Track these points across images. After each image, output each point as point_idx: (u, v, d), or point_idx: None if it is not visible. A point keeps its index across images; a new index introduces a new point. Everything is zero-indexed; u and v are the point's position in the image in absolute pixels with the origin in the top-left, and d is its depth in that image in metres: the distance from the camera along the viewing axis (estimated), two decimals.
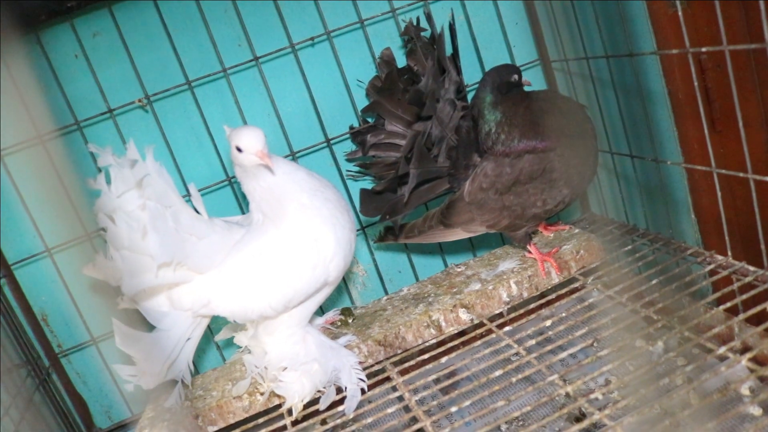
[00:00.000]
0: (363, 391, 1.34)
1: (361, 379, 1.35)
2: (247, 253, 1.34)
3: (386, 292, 1.75)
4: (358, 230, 1.71)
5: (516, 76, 1.44)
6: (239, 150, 1.28)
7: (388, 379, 1.38)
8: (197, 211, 1.37)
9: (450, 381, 1.32)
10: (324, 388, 1.34)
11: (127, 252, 1.28)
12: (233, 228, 1.39)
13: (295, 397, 1.33)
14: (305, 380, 1.33)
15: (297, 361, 1.35)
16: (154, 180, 1.29)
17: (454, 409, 1.19)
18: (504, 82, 1.43)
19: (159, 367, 1.31)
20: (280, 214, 1.33)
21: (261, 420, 1.35)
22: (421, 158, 1.47)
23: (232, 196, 1.65)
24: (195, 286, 1.34)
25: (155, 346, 1.32)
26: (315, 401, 1.34)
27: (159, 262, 1.27)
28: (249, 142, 1.26)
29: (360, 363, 1.40)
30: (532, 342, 1.30)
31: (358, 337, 1.47)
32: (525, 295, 1.51)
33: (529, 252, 1.55)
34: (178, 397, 1.38)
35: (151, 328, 1.35)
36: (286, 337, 1.37)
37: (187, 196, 1.41)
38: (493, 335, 1.39)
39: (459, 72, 1.51)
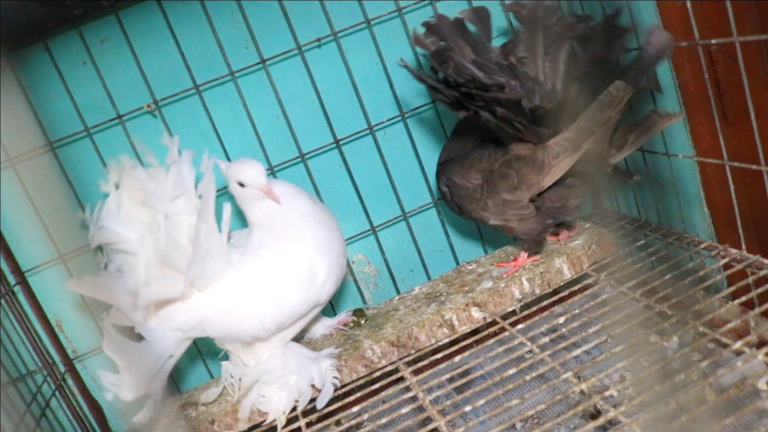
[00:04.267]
0: (336, 388, 1.35)
1: (335, 377, 1.37)
2: (243, 275, 1.35)
3: (398, 292, 1.75)
4: (367, 231, 1.72)
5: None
6: (242, 185, 1.32)
7: (401, 379, 1.38)
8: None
9: (464, 380, 1.32)
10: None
11: (156, 259, 1.28)
12: (231, 249, 1.39)
13: (279, 411, 1.34)
14: (283, 393, 1.33)
15: (275, 374, 1.35)
16: (207, 193, 1.31)
17: (468, 408, 1.19)
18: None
19: (140, 379, 1.30)
20: (277, 238, 1.35)
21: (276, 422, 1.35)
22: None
23: None
24: (189, 304, 1.34)
25: (140, 356, 1.31)
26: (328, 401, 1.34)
27: (188, 278, 1.28)
28: (253, 178, 1.31)
29: (338, 363, 1.41)
30: (546, 339, 1.30)
31: (339, 349, 1.48)
32: (537, 292, 1.51)
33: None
34: (153, 411, 1.35)
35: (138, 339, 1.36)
36: (268, 356, 1.38)
37: None
38: (506, 333, 1.39)
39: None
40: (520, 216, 1.43)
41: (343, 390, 1.39)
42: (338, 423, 1.34)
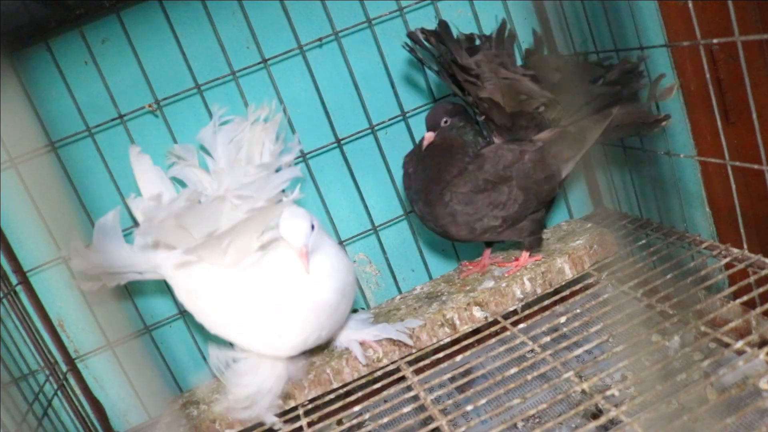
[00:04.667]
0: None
1: None
2: (232, 290, 1.32)
3: (399, 291, 1.75)
4: (369, 230, 1.72)
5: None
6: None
7: (403, 378, 1.38)
8: None
9: (465, 379, 1.31)
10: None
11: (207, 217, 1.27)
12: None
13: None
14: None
15: (260, 390, 1.33)
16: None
17: (469, 407, 1.19)
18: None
19: (99, 263, 1.34)
20: (282, 293, 1.29)
21: (276, 420, 1.35)
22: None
23: None
24: (179, 261, 1.34)
25: (116, 251, 1.37)
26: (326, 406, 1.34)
27: (193, 252, 1.28)
28: (292, 235, 1.21)
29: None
30: (547, 339, 1.30)
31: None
32: (539, 291, 1.51)
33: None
34: (91, 288, 1.40)
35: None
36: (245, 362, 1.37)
37: None
38: (508, 333, 1.39)
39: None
40: (547, 195, 1.48)
41: (345, 389, 1.39)
42: (340, 422, 1.34)
